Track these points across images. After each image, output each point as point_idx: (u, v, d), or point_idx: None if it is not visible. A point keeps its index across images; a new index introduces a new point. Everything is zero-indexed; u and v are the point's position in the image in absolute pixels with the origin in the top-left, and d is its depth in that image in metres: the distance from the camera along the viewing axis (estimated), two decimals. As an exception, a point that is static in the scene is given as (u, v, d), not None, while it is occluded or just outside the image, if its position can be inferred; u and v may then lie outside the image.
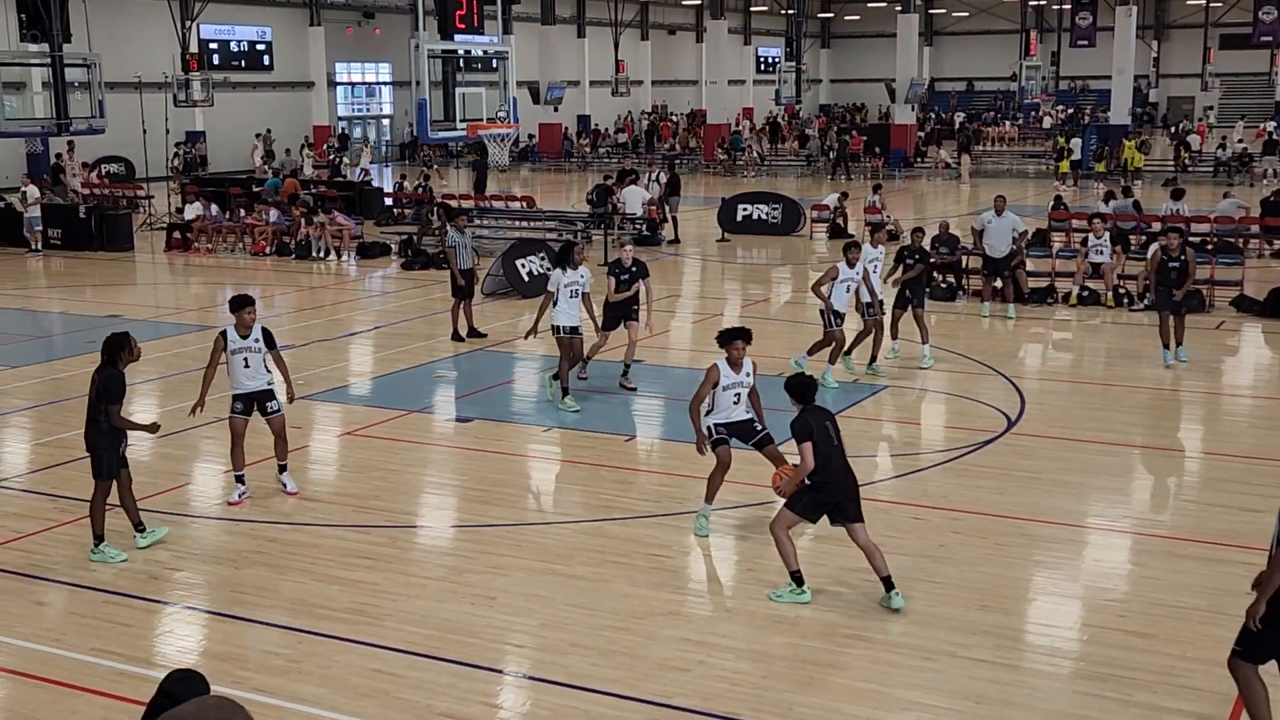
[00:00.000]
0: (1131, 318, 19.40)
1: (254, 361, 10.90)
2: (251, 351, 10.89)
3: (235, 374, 10.95)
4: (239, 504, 10.99)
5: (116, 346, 9.68)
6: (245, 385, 10.95)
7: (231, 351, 10.88)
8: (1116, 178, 40.43)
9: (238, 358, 10.89)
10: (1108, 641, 8.19)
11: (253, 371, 10.91)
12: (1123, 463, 12.27)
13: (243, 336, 10.88)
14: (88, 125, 28.96)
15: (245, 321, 10.86)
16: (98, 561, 9.67)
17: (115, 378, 9.58)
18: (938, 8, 77.01)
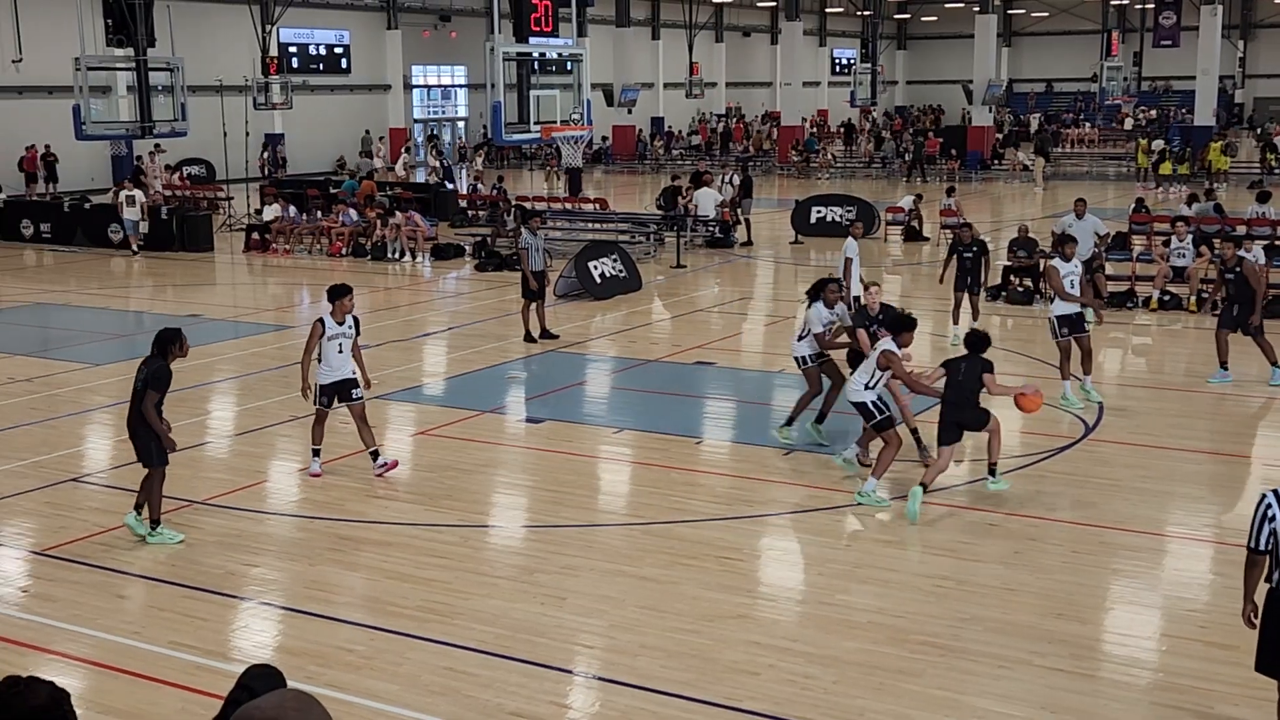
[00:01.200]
0: (1214, 322, 19.02)
1: (345, 347, 11.51)
2: (345, 337, 11.49)
3: (328, 358, 11.45)
4: (320, 475, 11.57)
5: (168, 340, 9.93)
6: (333, 373, 11.46)
7: (328, 338, 11.40)
8: (1200, 180, 39.71)
9: (333, 343, 11.43)
10: (1188, 653, 8.03)
11: (344, 358, 11.50)
12: (1205, 470, 12.03)
13: (339, 323, 11.45)
14: (170, 128, 29.49)
15: (345, 309, 11.48)
16: (155, 543, 9.93)
17: (164, 370, 9.84)
18: (1016, 8, 76.12)
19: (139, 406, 9.78)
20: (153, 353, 9.91)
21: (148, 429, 9.80)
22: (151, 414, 9.75)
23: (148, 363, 9.88)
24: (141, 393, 9.77)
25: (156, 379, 9.78)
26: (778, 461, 12.26)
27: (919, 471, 11.24)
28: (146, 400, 9.72)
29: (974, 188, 43.20)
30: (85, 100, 27.57)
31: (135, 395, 9.87)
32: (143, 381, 9.79)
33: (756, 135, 59.29)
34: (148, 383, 9.76)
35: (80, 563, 9.69)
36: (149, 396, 9.73)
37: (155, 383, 9.77)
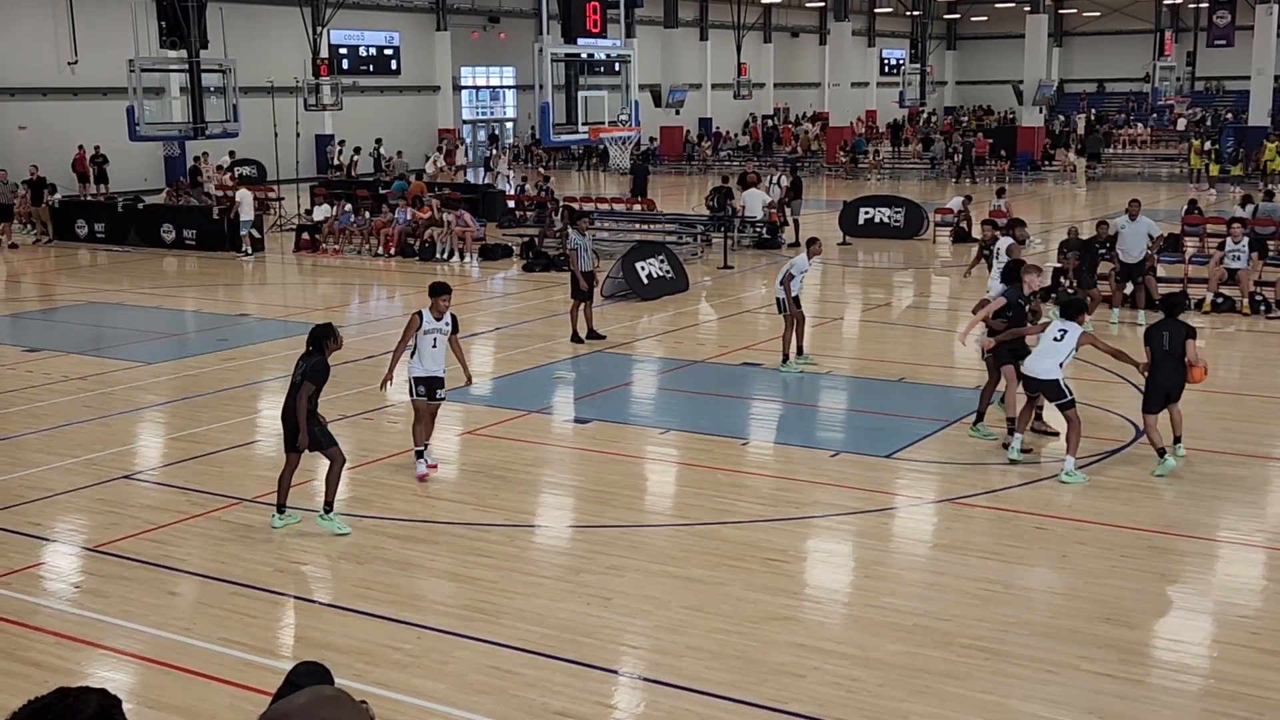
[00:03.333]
0: (1269, 325, 18.81)
1: (440, 344, 11.72)
2: (440, 333, 11.71)
3: (423, 354, 11.67)
4: (427, 475, 11.68)
5: (323, 336, 10.18)
6: (428, 368, 11.65)
7: (424, 332, 11.63)
8: (1254, 181, 39.21)
9: (428, 338, 11.66)
10: (1239, 659, 7.94)
11: (438, 354, 11.70)
12: (1257, 475, 11.89)
13: (436, 318, 11.66)
14: (222, 129, 29.81)
15: (441, 306, 11.70)
16: (324, 526, 10.17)
17: (322, 364, 10.11)
18: (1068, 7, 75.41)
19: (294, 397, 10.02)
20: (310, 349, 10.14)
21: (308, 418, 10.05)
22: (303, 407, 9.97)
23: (306, 357, 10.12)
24: (299, 384, 10.00)
25: (315, 372, 10.04)
26: (824, 463, 12.23)
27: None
28: (302, 391, 9.95)
29: (1024, 189, 42.87)
30: (139, 101, 27.94)
31: (293, 387, 10.11)
32: (301, 374, 10.03)
33: (804, 136, 59.09)
34: (306, 375, 10.00)
35: (132, 559, 9.82)
36: (304, 388, 9.96)
37: (314, 375, 10.03)
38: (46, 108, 39.33)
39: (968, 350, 17.03)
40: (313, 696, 4.15)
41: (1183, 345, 11.56)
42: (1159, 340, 11.65)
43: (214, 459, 12.53)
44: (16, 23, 38.51)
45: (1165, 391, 11.65)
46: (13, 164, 37.31)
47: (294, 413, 10.08)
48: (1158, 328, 11.78)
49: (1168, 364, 11.61)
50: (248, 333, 19.36)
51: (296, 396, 10.02)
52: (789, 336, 16.19)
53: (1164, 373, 11.61)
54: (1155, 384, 11.66)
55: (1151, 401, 11.69)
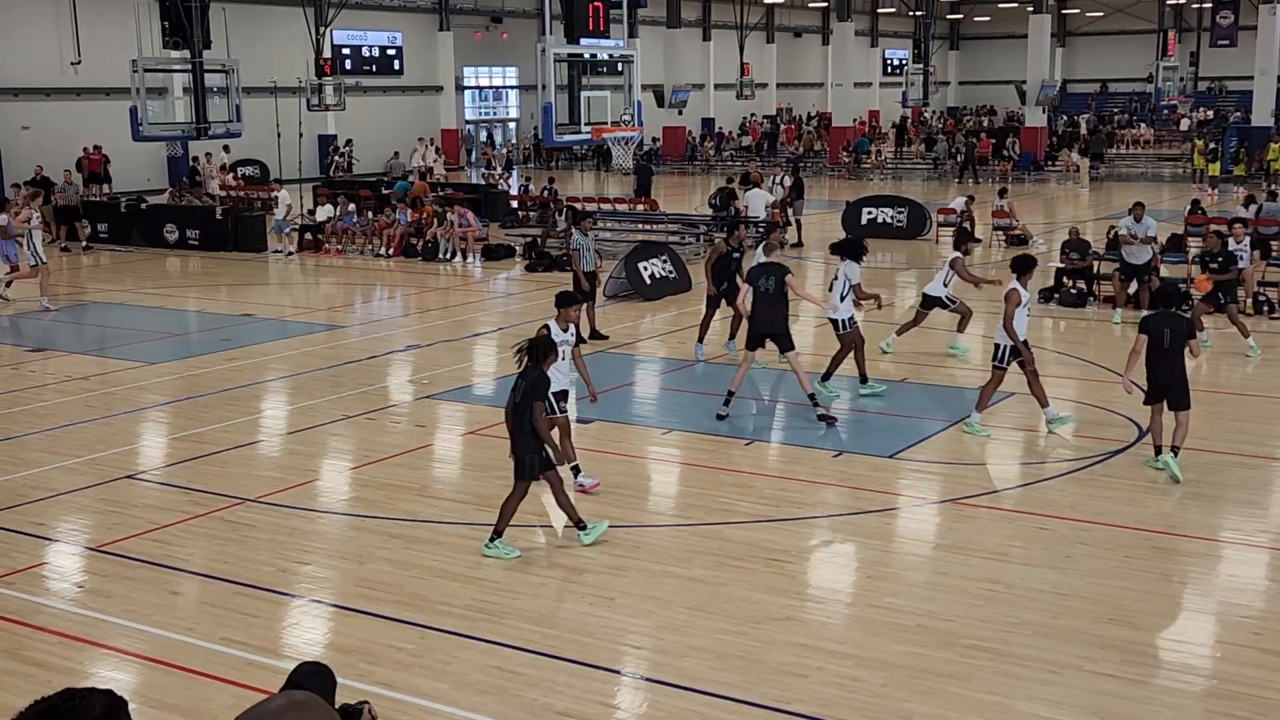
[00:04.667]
0: (1272, 325, 18.80)
1: (566, 354, 11.36)
2: (566, 344, 11.35)
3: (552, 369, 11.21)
4: (595, 487, 11.33)
5: (545, 349, 9.86)
6: (558, 383, 11.15)
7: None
8: (1258, 181, 39.20)
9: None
10: (1242, 659, 7.93)
11: (566, 365, 11.34)
12: (1260, 476, 11.88)
13: (563, 330, 11.36)
14: (225, 129, 29.82)
15: (569, 317, 11.43)
16: (491, 556, 9.69)
17: (544, 378, 9.76)
18: (1071, 8, 75.37)
19: (525, 420, 9.58)
20: (528, 364, 9.78)
21: (533, 442, 9.62)
22: (542, 425, 9.62)
23: (525, 374, 9.74)
24: (525, 405, 9.59)
25: (537, 388, 9.66)
26: (826, 463, 12.22)
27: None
28: (536, 412, 9.56)
29: (1026, 189, 42.85)
30: (142, 101, 27.94)
31: (515, 409, 9.68)
32: (524, 394, 9.61)
33: (807, 136, 59.09)
34: (530, 394, 9.60)
35: (134, 559, 9.82)
36: (536, 409, 9.58)
37: (538, 392, 9.65)
38: (49, 108, 39.35)
39: (971, 351, 17.03)
40: (285, 701, 4.19)
41: (1184, 343, 11.41)
42: (1160, 336, 11.41)
43: (217, 459, 12.53)
44: (19, 23, 38.53)
45: (1163, 386, 11.52)
46: (16, 164, 37.37)
47: (524, 438, 9.63)
48: (1157, 321, 11.49)
49: (1168, 360, 11.44)
50: (251, 333, 19.37)
51: (531, 419, 9.54)
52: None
53: (1165, 367, 11.46)
54: (1160, 379, 11.55)
55: (1150, 392, 11.69)
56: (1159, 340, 11.39)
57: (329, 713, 4.36)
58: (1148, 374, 11.62)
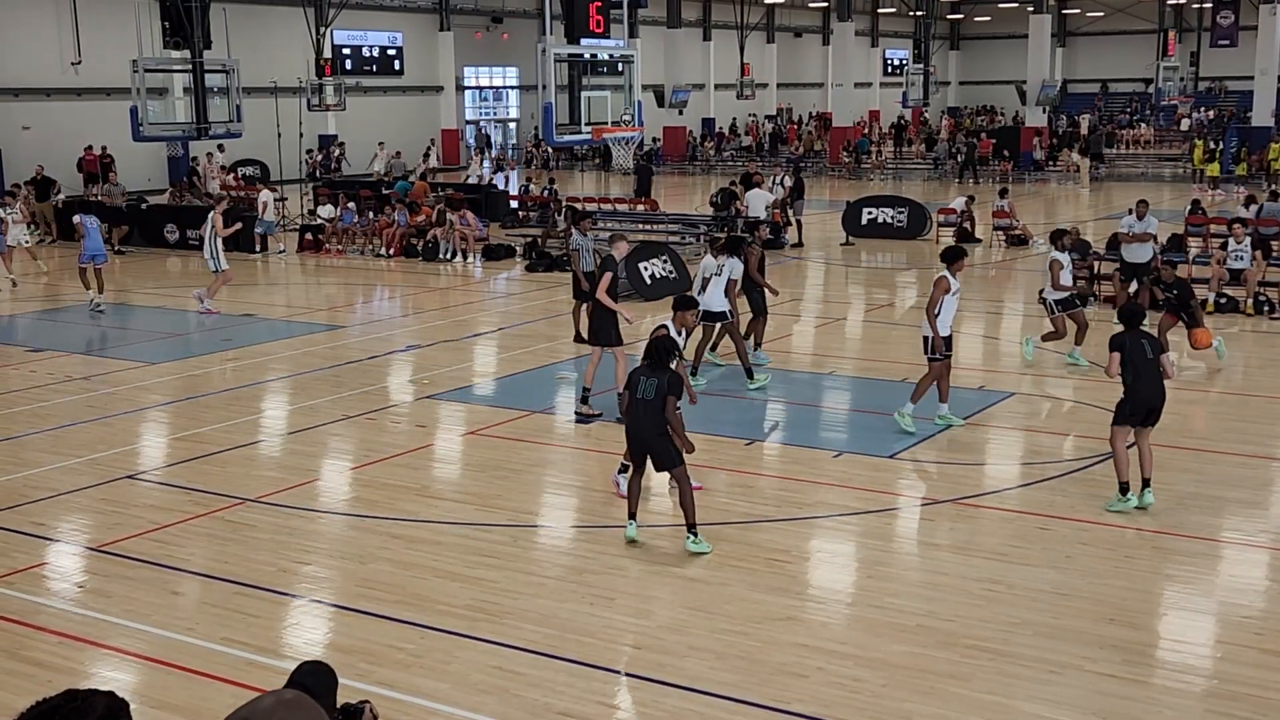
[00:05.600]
0: (1272, 326, 18.80)
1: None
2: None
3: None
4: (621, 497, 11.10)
5: (670, 348, 10.01)
6: None
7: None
8: (1258, 181, 39.21)
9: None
10: (1243, 660, 7.93)
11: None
12: (1261, 476, 11.87)
13: (679, 333, 11.36)
14: (226, 129, 29.84)
15: (687, 322, 11.49)
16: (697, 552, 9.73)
17: (677, 376, 9.97)
18: (1071, 8, 75.38)
19: (662, 415, 9.66)
20: (657, 361, 9.86)
21: (666, 435, 9.73)
22: (676, 419, 9.76)
23: (655, 371, 9.80)
24: (660, 400, 9.66)
25: (674, 385, 9.77)
26: (826, 463, 12.22)
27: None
28: (669, 406, 9.66)
29: (1027, 189, 42.86)
30: (142, 102, 27.97)
31: (647, 405, 9.71)
32: (658, 390, 9.68)
33: (807, 136, 59.12)
34: (667, 390, 9.69)
35: (135, 559, 9.82)
36: (670, 403, 9.68)
37: (675, 389, 9.76)
38: (50, 108, 39.37)
39: (971, 351, 17.03)
40: (274, 701, 4.21)
41: (1159, 358, 10.63)
42: (1141, 350, 10.56)
43: (217, 459, 12.53)
44: (20, 23, 38.55)
45: (1149, 406, 10.60)
46: (17, 164, 37.38)
47: (648, 433, 9.74)
48: (1134, 337, 10.66)
49: (1152, 376, 10.56)
50: (251, 333, 19.38)
51: (667, 414, 9.65)
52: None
53: (1149, 384, 10.55)
54: (1140, 396, 10.56)
55: (1133, 413, 10.59)
56: (1140, 353, 10.56)
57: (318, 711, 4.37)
58: (1130, 394, 10.60)
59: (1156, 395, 10.59)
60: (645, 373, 9.88)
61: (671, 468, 9.84)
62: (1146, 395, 10.56)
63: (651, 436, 9.78)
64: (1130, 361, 10.56)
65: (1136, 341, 10.64)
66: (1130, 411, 10.60)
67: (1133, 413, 10.60)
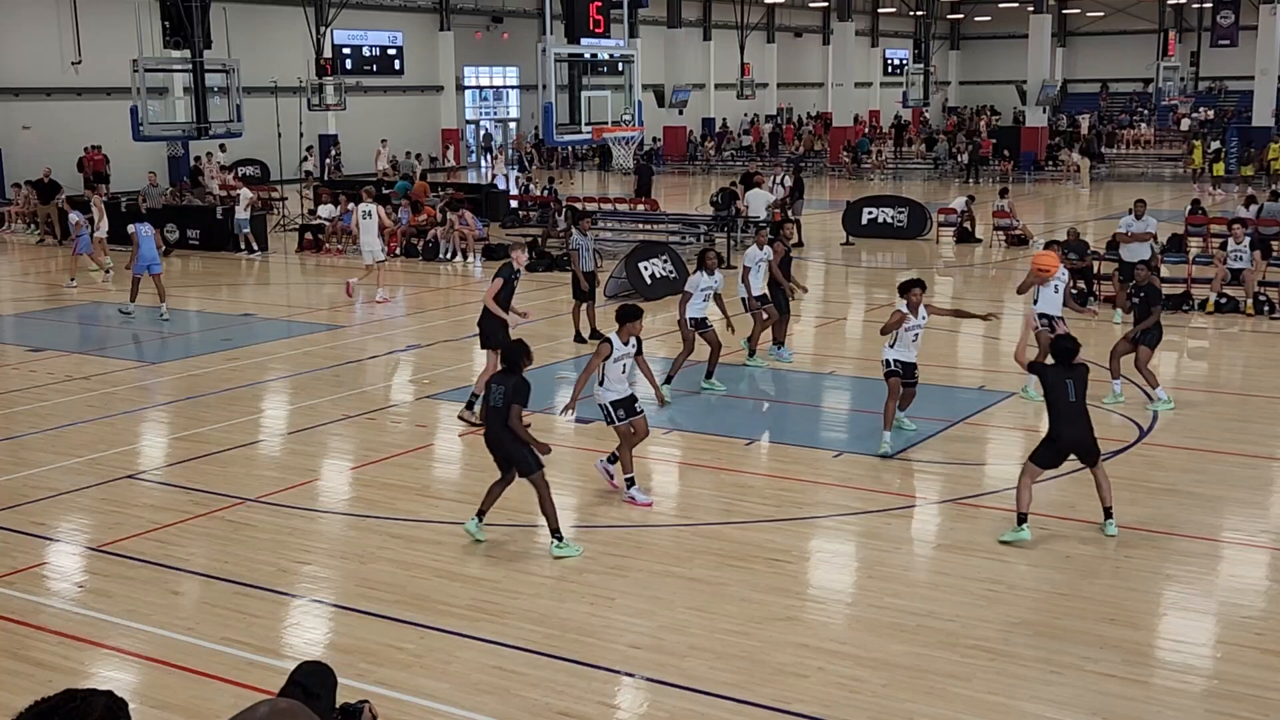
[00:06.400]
0: (1272, 326, 18.80)
1: (628, 368, 11.35)
2: (628, 358, 11.31)
3: (611, 377, 11.22)
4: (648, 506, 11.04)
5: (520, 354, 9.96)
6: (619, 390, 11.21)
7: (614, 359, 11.19)
8: (1257, 181, 39.21)
9: (617, 364, 11.22)
10: (1243, 660, 7.93)
11: (626, 377, 11.32)
12: (1262, 475, 11.87)
13: (624, 343, 11.27)
14: (226, 129, 29.80)
15: (633, 331, 11.32)
16: (562, 557, 9.71)
17: (523, 382, 9.81)
18: (1071, 8, 75.35)
19: (505, 422, 9.67)
20: (505, 368, 9.91)
21: (519, 441, 9.73)
22: (519, 427, 9.68)
23: (502, 379, 9.83)
24: (505, 409, 9.67)
25: (518, 392, 9.73)
26: (827, 463, 12.22)
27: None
28: (513, 415, 9.65)
29: (1027, 189, 42.85)
30: (143, 101, 27.93)
31: (495, 412, 9.77)
32: (505, 398, 9.69)
33: (808, 136, 59.10)
34: (511, 397, 9.68)
35: (135, 559, 9.82)
36: (514, 410, 9.66)
37: (518, 396, 9.72)
38: (50, 107, 39.35)
39: (971, 351, 17.03)
40: (269, 710, 4.21)
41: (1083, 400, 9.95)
42: (1063, 389, 9.84)
43: (217, 459, 12.53)
44: (20, 23, 38.54)
45: (1070, 449, 9.98)
46: (17, 164, 37.38)
47: (503, 440, 9.77)
48: (1059, 373, 9.94)
49: (1078, 417, 9.91)
50: (251, 333, 19.38)
51: (508, 420, 9.64)
52: (757, 333, 16.39)
53: (1073, 427, 9.88)
54: (1063, 439, 9.92)
55: (1046, 456, 10.02)
56: (1063, 394, 9.85)
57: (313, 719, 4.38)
58: (1052, 434, 9.99)
59: (1082, 438, 9.91)
60: (498, 379, 9.90)
61: (527, 474, 9.79)
62: (1070, 438, 9.91)
63: (506, 443, 9.79)
64: (1053, 402, 9.90)
65: (1061, 379, 9.87)
66: (1050, 454, 9.99)
67: (1055, 455, 10.00)
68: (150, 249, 20.34)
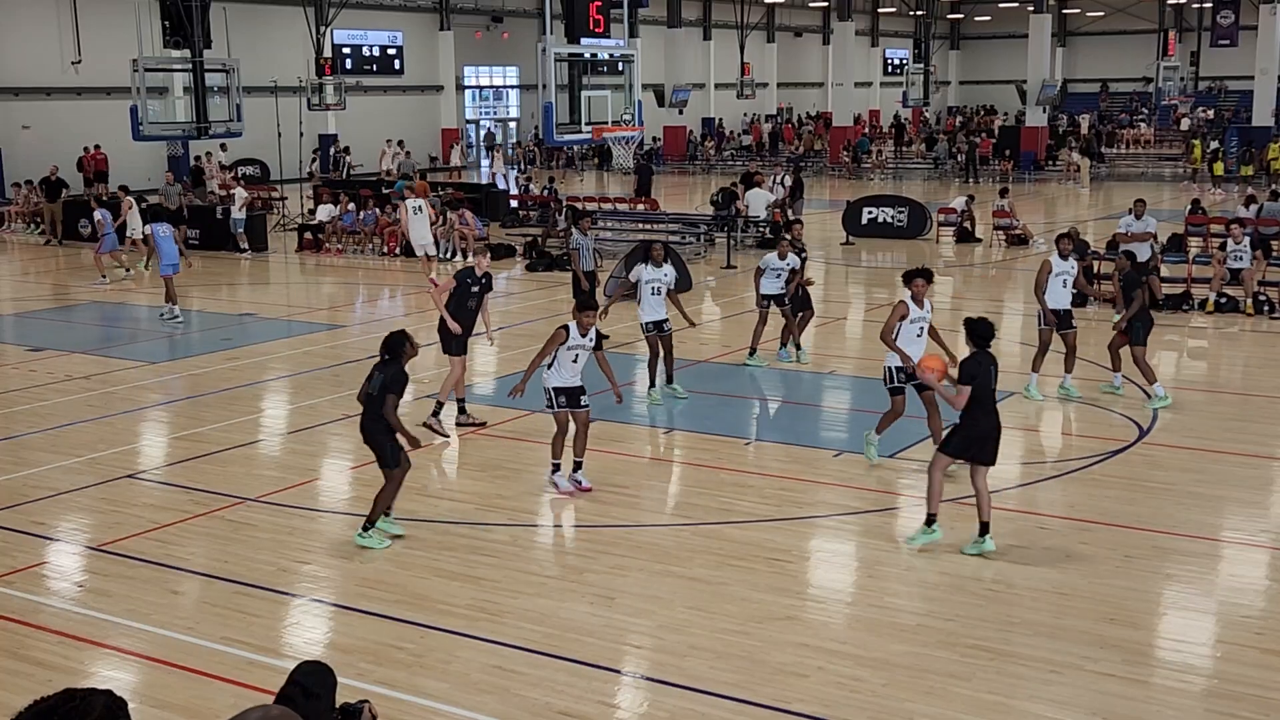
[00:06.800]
0: (1272, 325, 18.80)
1: (582, 359, 11.33)
2: (584, 350, 11.29)
3: (564, 368, 11.27)
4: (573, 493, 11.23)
5: (399, 343, 9.95)
6: (565, 378, 11.26)
7: (568, 347, 11.20)
8: (1257, 181, 39.21)
9: (571, 353, 11.24)
10: (1243, 659, 7.93)
11: (578, 368, 11.32)
12: (1261, 475, 11.87)
13: (582, 334, 11.27)
14: (226, 129, 29.83)
15: (587, 323, 11.28)
16: (363, 546, 9.89)
17: (401, 373, 9.86)
18: (1071, 7, 75.38)
19: (378, 410, 9.72)
20: (385, 357, 9.90)
21: (385, 431, 9.77)
22: (393, 416, 9.73)
23: (382, 367, 9.85)
24: (380, 397, 9.72)
25: (396, 382, 9.78)
26: (827, 463, 12.22)
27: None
28: (387, 404, 9.69)
29: (1027, 188, 42.85)
30: (143, 101, 27.95)
31: (370, 400, 9.83)
32: (381, 386, 9.74)
33: (807, 136, 59.10)
34: (387, 386, 9.72)
35: (135, 558, 9.82)
36: (389, 400, 9.70)
37: (395, 386, 9.77)
38: (50, 107, 39.36)
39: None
40: (261, 715, 4.22)
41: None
42: (987, 376, 9.52)
43: (217, 458, 12.53)
44: (20, 22, 38.55)
45: (985, 439, 9.59)
46: (17, 163, 37.39)
47: (374, 430, 9.83)
48: (982, 361, 9.57)
49: (991, 406, 9.62)
50: (251, 332, 19.38)
51: (382, 410, 9.69)
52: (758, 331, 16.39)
53: (992, 416, 9.59)
54: (978, 427, 9.56)
55: (966, 446, 9.64)
56: (987, 381, 9.52)
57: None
58: (965, 423, 9.63)
59: (998, 427, 9.62)
60: (380, 367, 9.91)
61: (384, 467, 9.87)
62: (985, 427, 9.56)
63: (375, 432, 9.83)
64: (977, 389, 9.49)
65: (985, 366, 9.53)
66: (963, 443, 9.64)
67: (966, 445, 9.62)
68: (170, 248, 20.33)
